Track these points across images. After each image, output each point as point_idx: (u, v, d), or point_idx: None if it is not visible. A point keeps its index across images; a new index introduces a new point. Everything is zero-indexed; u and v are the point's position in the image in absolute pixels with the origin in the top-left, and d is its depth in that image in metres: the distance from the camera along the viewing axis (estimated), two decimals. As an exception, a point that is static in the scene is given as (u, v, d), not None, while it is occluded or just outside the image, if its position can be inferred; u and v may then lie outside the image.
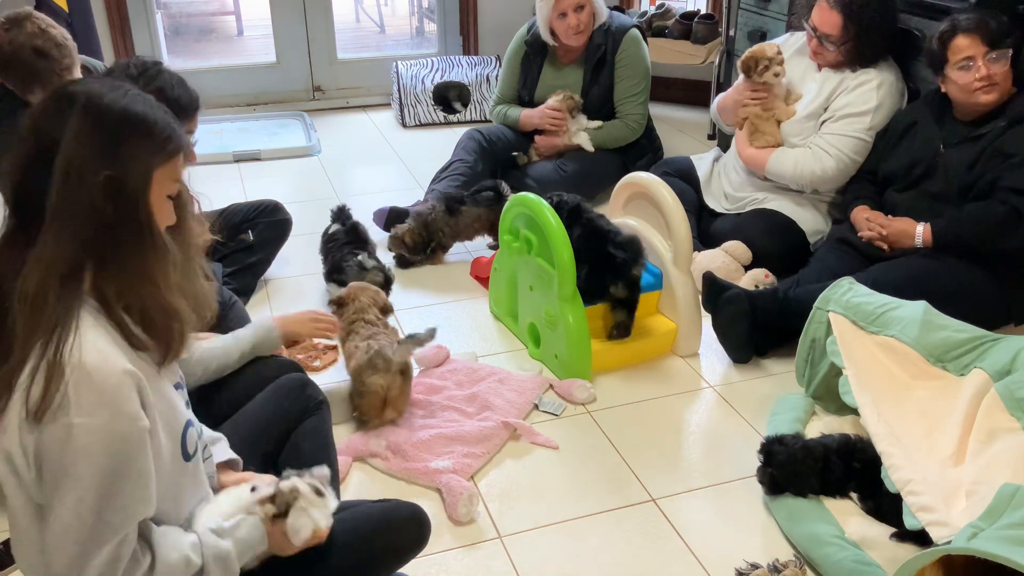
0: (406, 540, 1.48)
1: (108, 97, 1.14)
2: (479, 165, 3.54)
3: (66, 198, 1.10)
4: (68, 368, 1.07)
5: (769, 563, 1.76)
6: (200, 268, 1.30)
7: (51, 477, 1.09)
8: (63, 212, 1.10)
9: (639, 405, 2.33)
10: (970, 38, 2.38)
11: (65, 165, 1.10)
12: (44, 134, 1.11)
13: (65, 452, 1.07)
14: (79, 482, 1.08)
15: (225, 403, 1.70)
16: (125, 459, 1.11)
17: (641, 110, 3.57)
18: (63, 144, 1.10)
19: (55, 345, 1.08)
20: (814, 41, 2.83)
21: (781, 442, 1.90)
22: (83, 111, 1.12)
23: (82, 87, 1.15)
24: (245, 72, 4.82)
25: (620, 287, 2.37)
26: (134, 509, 1.13)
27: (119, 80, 1.27)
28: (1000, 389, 1.83)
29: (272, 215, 2.88)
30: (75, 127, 1.11)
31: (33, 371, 1.08)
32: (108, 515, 1.11)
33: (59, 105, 1.13)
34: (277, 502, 1.32)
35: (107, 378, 1.09)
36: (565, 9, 3.39)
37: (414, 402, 2.26)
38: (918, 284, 2.26)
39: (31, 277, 1.09)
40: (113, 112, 1.13)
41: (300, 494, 1.33)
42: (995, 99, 2.40)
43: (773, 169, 2.91)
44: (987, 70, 2.37)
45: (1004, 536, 1.39)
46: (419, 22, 6.78)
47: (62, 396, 1.06)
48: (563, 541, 1.86)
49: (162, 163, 1.17)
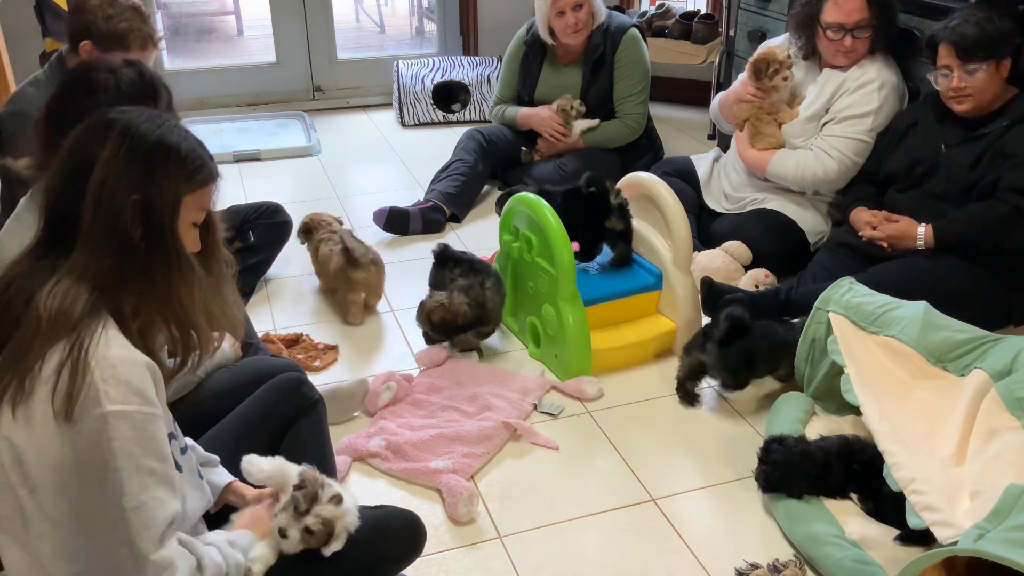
0: (401, 548, 1.48)
1: (144, 126, 1.21)
2: (479, 165, 3.55)
3: (98, 216, 1.17)
4: (93, 361, 1.11)
5: (769, 563, 1.76)
6: (231, 294, 1.36)
7: (92, 477, 1.11)
8: (95, 229, 1.17)
9: (639, 405, 2.32)
10: (946, 48, 2.39)
11: (98, 186, 1.17)
12: (82, 155, 1.19)
13: (102, 444, 1.10)
14: (119, 472, 1.10)
15: (222, 403, 1.70)
16: (156, 444, 1.15)
17: (640, 110, 3.58)
18: (98, 166, 1.17)
19: (79, 343, 1.12)
20: (847, 39, 2.74)
21: (781, 442, 1.90)
22: (120, 137, 1.19)
23: (122, 115, 1.23)
24: (245, 72, 4.82)
25: (614, 219, 2.48)
26: (172, 499, 1.16)
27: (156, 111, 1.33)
28: (1000, 389, 1.83)
29: (273, 217, 2.89)
30: (110, 151, 1.18)
31: (58, 367, 1.11)
32: (152, 508, 1.13)
33: (98, 130, 1.20)
34: (315, 533, 1.33)
35: (132, 368, 1.14)
36: (563, 8, 3.39)
37: (414, 402, 2.27)
38: (918, 284, 2.26)
39: (61, 286, 1.15)
40: (148, 140, 1.20)
41: (337, 516, 1.35)
42: (965, 110, 2.42)
43: (775, 171, 2.91)
44: (958, 82, 2.38)
45: (1010, 538, 1.39)
46: (419, 22, 6.78)
47: (90, 388, 1.10)
48: (563, 541, 1.86)
49: (191, 191, 1.24)
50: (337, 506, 1.36)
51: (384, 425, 2.15)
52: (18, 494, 1.13)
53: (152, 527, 1.12)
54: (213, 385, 1.75)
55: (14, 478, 1.13)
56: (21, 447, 1.11)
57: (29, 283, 1.17)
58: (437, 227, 3.35)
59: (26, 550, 1.16)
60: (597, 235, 2.54)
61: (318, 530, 1.33)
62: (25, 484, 1.13)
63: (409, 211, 3.30)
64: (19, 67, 3.57)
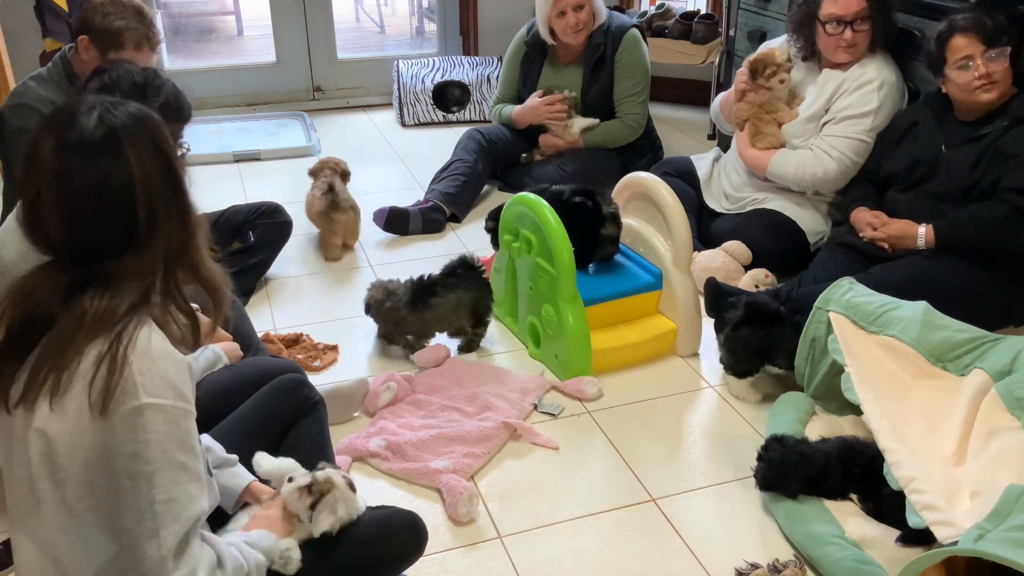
0: (402, 548, 1.48)
1: (135, 113, 1.19)
2: (479, 165, 3.55)
3: (152, 217, 1.15)
4: (132, 355, 1.11)
5: (769, 563, 1.76)
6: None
7: (123, 469, 1.10)
8: (150, 234, 1.15)
9: (639, 405, 2.32)
10: (967, 37, 2.38)
11: (144, 192, 1.14)
12: (97, 177, 1.13)
13: (136, 436, 1.10)
14: (152, 464, 1.10)
15: (222, 403, 1.70)
16: (189, 440, 1.15)
17: (640, 109, 3.58)
18: (136, 177, 1.14)
19: (119, 339, 1.12)
20: (847, 32, 2.74)
21: (781, 442, 1.90)
22: (130, 142, 1.15)
23: (112, 120, 1.16)
24: (245, 72, 4.82)
25: (608, 225, 2.53)
26: (201, 496, 1.16)
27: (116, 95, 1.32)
28: (1000, 389, 1.83)
29: (272, 217, 2.89)
30: (135, 158, 1.14)
31: (97, 360, 1.10)
32: (182, 502, 1.13)
33: (106, 148, 1.14)
34: (313, 491, 1.37)
35: (169, 363, 1.14)
36: (564, 8, 3.39)
37: (414, 402, 2.26)
38: (919, 284, 2.26)
39: (109, 290, 1.14)
40: (152, 123, 1.19)
41: (335, 486, 1.38)
42: (995, 97, 2.40)
43: (775, 171, 2.91)
44: (986, 68, 2.36)
45: (1010, 538, 1.39)
46: (419, 22, 6.78)
47: (128, 380, 1.10)
48: (563, 541, 1.86)
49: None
50: (349, 489, 1.40)
51: (384, 425, 2.15)
52: (40, 488, 1.13)
53: (180, 522, 1.12)
54: (214, 386, 1.75)
55: (40, 471, 1.13)
56: (54, 439, 1.11)
57: (63, 285, 1.14)
58: (437, 227, 3.35)
59: (41, 547, 1.16)
60: (592, 243, 2.54)
61: (317, 485, 1.37)
62: (52, 477, 1.13)
63: (409, 211, 3.30)
64: (19, 67, 3.58)
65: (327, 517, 1.36)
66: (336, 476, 1.40)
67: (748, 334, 2.24)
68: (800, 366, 2.20)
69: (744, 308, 2.25)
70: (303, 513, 1.37)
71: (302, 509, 1.37)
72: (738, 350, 2.27)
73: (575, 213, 2.48)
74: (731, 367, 2.31)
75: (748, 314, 2.24)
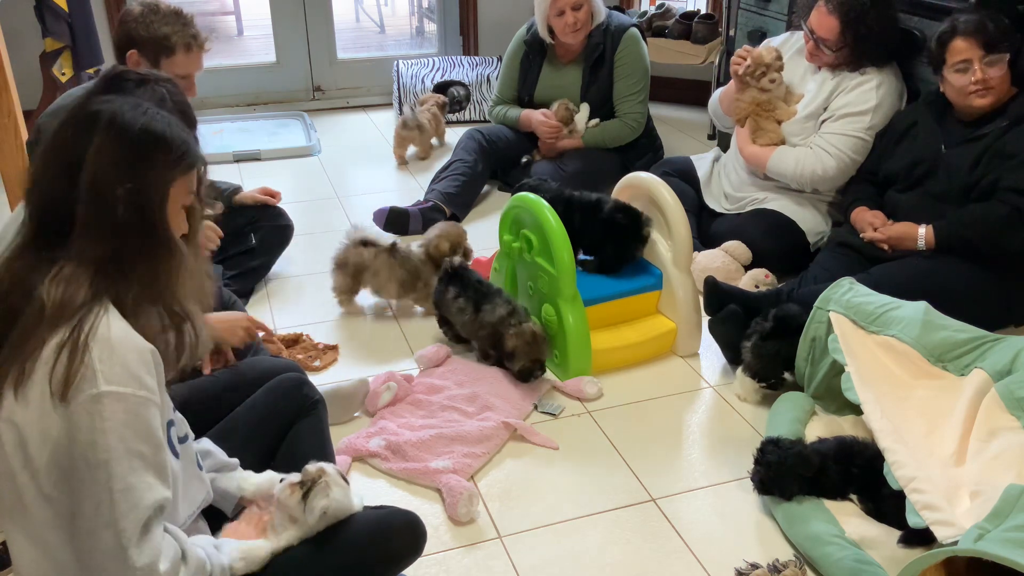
0: (401, 548, 1.48)
1: (129, 115, 1.21)
2: (479, 165, 3.55)
3: (92, 208, 1.17)
4: (92, 343, 1.12)
5: (769, 563, 1.76)
6: (205, 270, 1.38)
7: (81, 456, 1.10)
8: (90, 221, 1.17)
9: (639, 405, 2.32)
10: (967, 41, 2.38)
11: (91, 179, 1.17)
12: (69, 149, 1.19)
13: (94, 423, 1.10)
14: (109, 453, 1.10)
15: (222, 403, 1.70)
16: (148, 429, 1.15)
17: (640, 109, 3.58)
18: (88, 160, 1.17)
19: (79, 326, 1.13)
20: (811, 43, 2.83)
21: (776, 444, 1.89)
22: (106, 129, 1.19)
23: (106, 106, 1.21)
24: (245, 72, 4.82)
25: (640, 246, 2.53)
26: (161, 485, 1.16)
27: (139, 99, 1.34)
28: (1000, 389, 1.83)
29: (274, 220, 2.90)
30: (99, 144, 1.18)
31: (58, 348, 1.11)
32: (140, 491, 1.12)
33: (83, 123, 1.20)
34: (304, 483, 1.38)
35: (131, 350, 1.14)
36: (563, 7, 3.39)
37: (414, 402, 2.27)
38: (919, 284, 2.26)
39: (63, 275, 1.16)
40: (134, 129, 1.20)
41: (325, 472, 1.39)
42: (988, 103, 2.41)
43: (774, 167, 2.91)
44: (983, 74, 2.37)
45: (1010, 538, 1.39)
46: (419, 22, 6.78)
47: (87, 368, 1.10)
48: (563, 541, 1.86)
49: (178, 177, 1.24)
50: (341, 479, 1.41)
51: (384, 425, 2.15)
52: (20, 480, 1.14)
53: (138, 510, 1.12)
54: (213, 386, 1.75)
55: (16, 463, 1.14)
56: (23, 428, 1.12)
57: (28, 276, 1.17)
58: (437, 227, 3.35)
59: (33, 542, 1.16)
60: (624, 256, 2.55)
61: (307, 475, 1.39)
62: (27, 468, 1.13)
63: (409, 211, 3.29)
64: (19, 67, 3.56)
65: (321, 500, 1.36)
66: (326, 466, 1.41)
67: (777, 345, 2.22)
68: (800, 366, 2.20)
69: (774, 321, 2.23)
70: (297, 509, 1.37)
71: (295, 504, 1.37)
72: (765, 360, 2.25)
73: (616, 230, 2.49)
74: (758, 374, 2.27)
75: (777, 327, 2.22)
